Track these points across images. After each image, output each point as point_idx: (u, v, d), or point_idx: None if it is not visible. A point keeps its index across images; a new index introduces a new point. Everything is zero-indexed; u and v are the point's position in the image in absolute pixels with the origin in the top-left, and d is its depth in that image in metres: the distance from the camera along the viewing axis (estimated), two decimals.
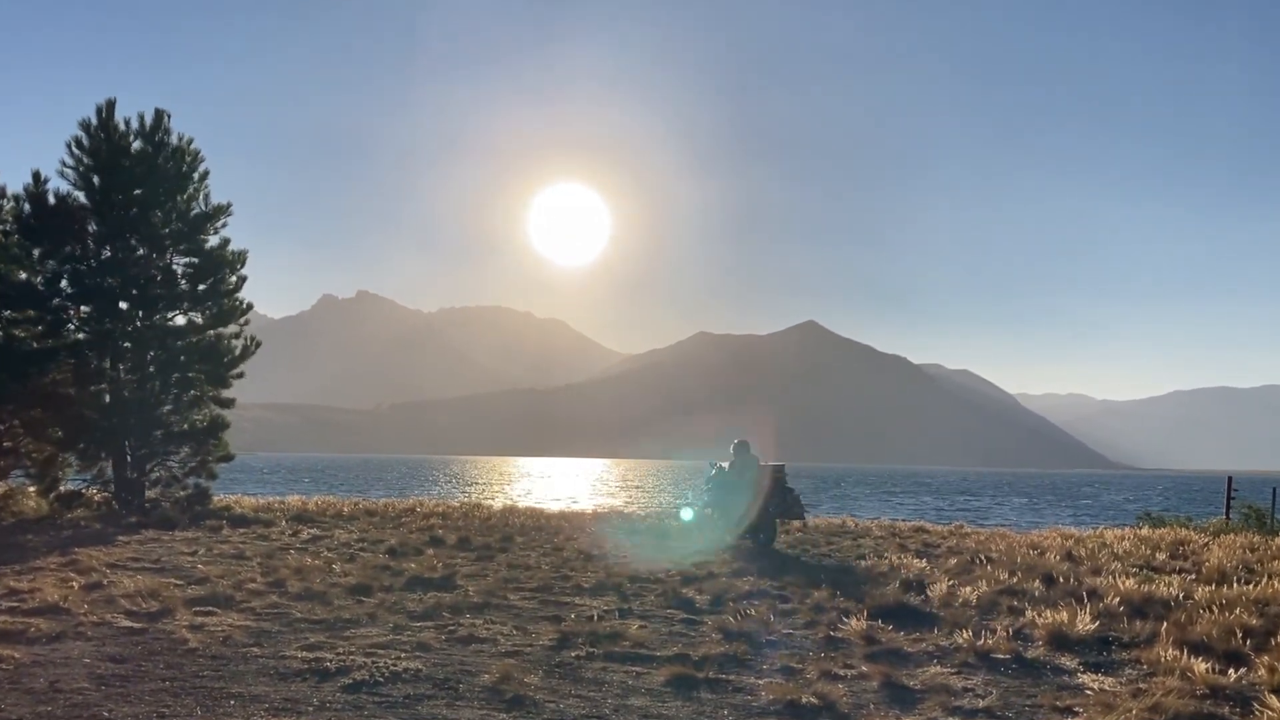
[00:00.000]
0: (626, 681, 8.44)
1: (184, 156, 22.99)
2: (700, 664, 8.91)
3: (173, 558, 15.05)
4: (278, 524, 20.64)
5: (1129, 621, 10.58)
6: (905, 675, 8.69)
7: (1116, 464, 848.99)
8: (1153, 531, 22.28)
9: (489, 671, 8.42)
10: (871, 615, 10.87)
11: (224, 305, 23.49)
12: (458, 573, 14.01)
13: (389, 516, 23.30)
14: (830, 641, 10.08)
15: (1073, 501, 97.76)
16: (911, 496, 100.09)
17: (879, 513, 54.46)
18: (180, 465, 23.22)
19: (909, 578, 13.74)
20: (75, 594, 11.32)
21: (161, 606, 10.74)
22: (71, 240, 22.14)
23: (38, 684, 7.76)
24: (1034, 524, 43.10)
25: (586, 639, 9.77)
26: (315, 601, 11.54)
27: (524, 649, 9.47)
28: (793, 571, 14.89)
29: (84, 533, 18.61)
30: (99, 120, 22.34)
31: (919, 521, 29.22)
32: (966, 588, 12.77)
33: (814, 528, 23.44)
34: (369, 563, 14.82)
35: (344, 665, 8.49)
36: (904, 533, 22.72)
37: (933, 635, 10.30)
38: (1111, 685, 8.45)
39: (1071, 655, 9.49)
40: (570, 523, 23.18)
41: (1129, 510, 67.64)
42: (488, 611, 11.32)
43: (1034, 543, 19.14)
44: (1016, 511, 73.28)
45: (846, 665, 9.05)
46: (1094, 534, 22.04)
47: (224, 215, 23.56)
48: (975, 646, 9.56)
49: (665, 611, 11.60)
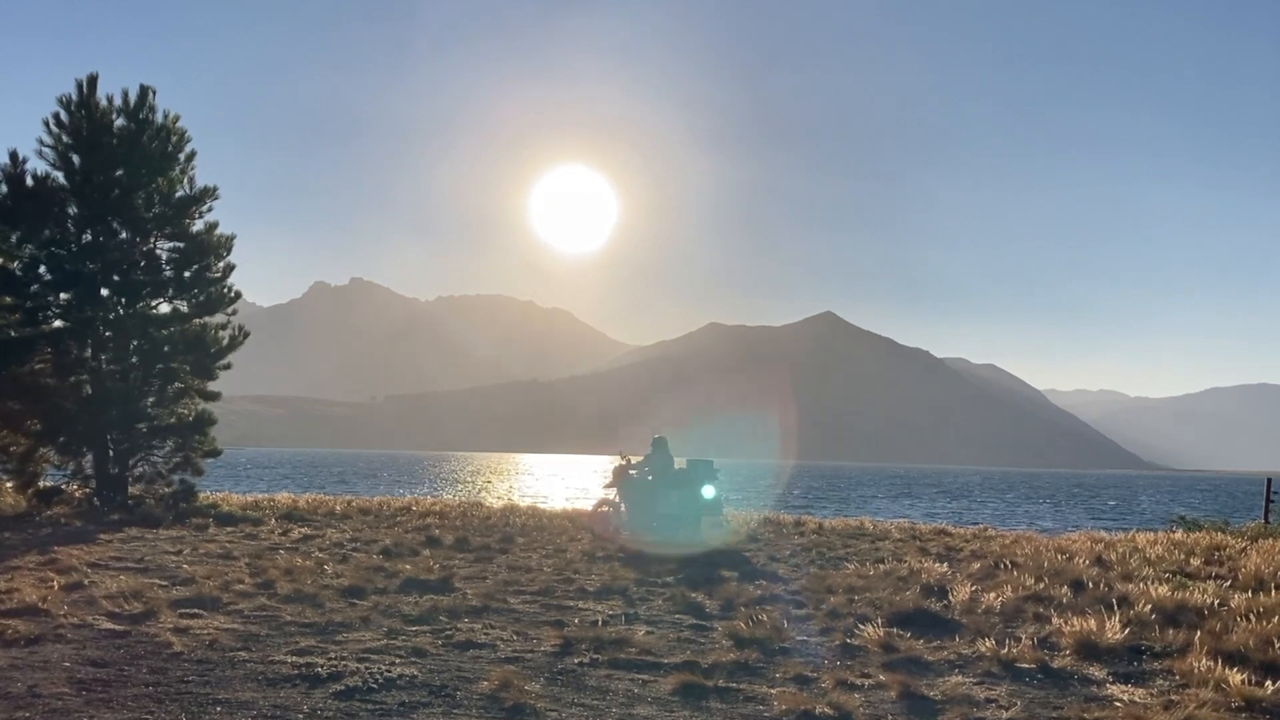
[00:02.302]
0: (632, 690, 8.45)
1: (169, 135, 23.00)
2: (710, 672, 8.93)
3: (157, 557, 15.11)
4: (267, 522, 20.73)
5: (1161, 630, 10.56)
6: (925, 685, 8.68)
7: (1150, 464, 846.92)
8: (1187, 535, 22.21)
9: (488, 678, 8.44)
10: (890, 622, 10.89)
11: (211, 293, 23.51)
12: (455, 575, 14.05)
13: (383, 515, 23.37)
14: (846, 649, 10.09)
15: (1103, 503, 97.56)
16: (933, 498, 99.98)
17: (898, 514, 54.39)
18: (165, 460, 23.27)
19: (929, 582, 13.73)
20: (55, 595, 11.36)
21: (145, 608, 10.77)
22: (50, 224, 22.18)
23: (15, 689, 7.78)
24: (1062, 527, 43.07)
25: (590, 645, 9.79)
26: (306, 604, 11.58)
27: (524, 655, 9.50)
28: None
29: (64, 530, 18.68)
30: (79, 97, 22.33)
31: (940, 524, 29.24)
32: (990, 593, 12.78)
33: (830, 529, 23.48)
34: (362, 564, 14.87)
35: (336, 671, 8.51)
36: (925, 535, 22.73)
37: (954, 643, 10.30)
38: (1142, 697, 8.44)
39: (1100, 665, 9.48)
40: (574, 522, 23.21)
41: (1162, 513, 67.52)
42: (487, 615, 11.35)
43: (1061, 546, 19.12)
44: (1043, 514, 73.17)
45: (863, 674, 9.05)
46: (1125, 538, 22.00)
47: (211, 198, 23.56)
48: (999, 655, 9.56)
49: (673, 616, 11.63)
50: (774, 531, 22.55)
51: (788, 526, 23.87)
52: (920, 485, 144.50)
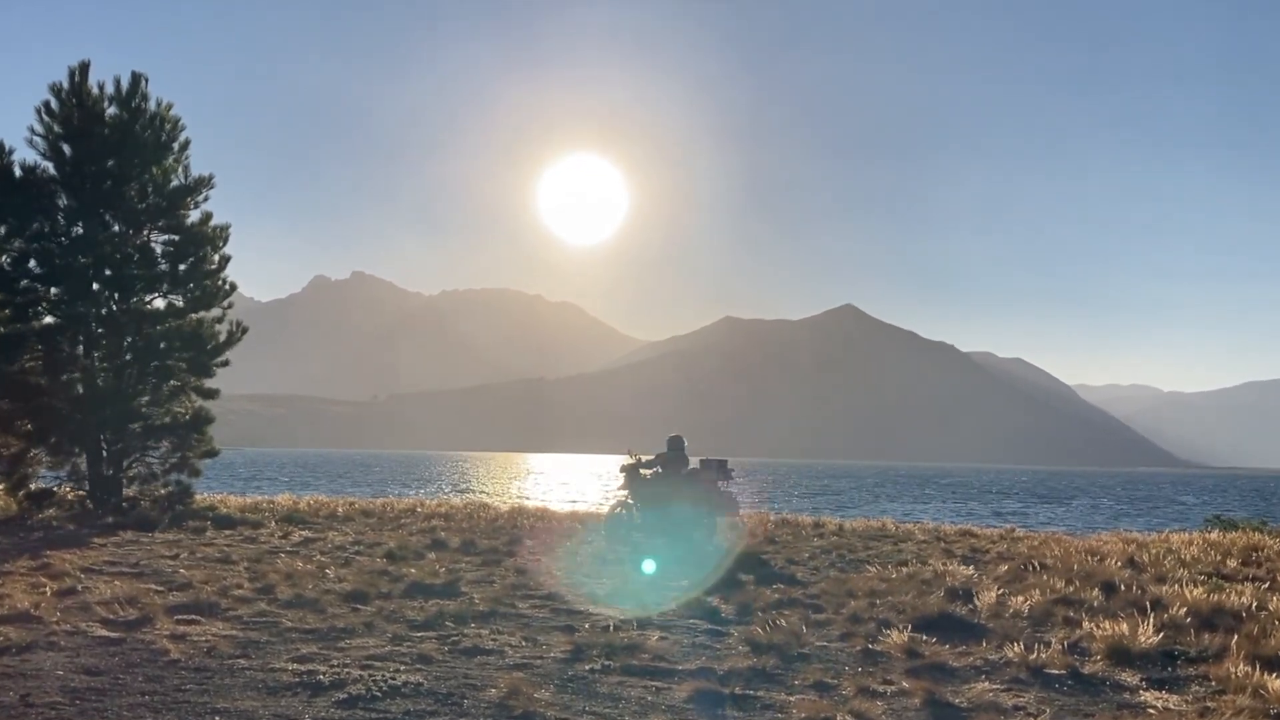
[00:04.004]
0: (645, 697, 8.44)
1: (163, 124, 23.05)
2: (726, 679, 8.92)
3: (152, 561, 15.16)
4: (266, 525, 20.77)
5: (1196, 634, 10.55)
6: (950, 692, 8.67)
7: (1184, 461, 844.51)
8: (1223, 536, 22.15)
9: (496, 686, 8.44)
10: (913, 626, 10.86)
11: (206, 287, 23.56)
12: (462, 578, 14.08)
13: (387, 517, 23.42)
14: (868, 655, 10.09)
15: (1135, 503, 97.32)
16: (958, 497, 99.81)
17: (921, 515, 54.31)
18: (160, 461, 23.34)
19: (954, 586, 13.72)
20: (47, 600, 11.38)
21: (140, 614, 10.79)
22: (40, 216, 22.25)
23: (7, 698, 7.78)
24: (1092, 527, 42.97)
25: (602, 651, 9.78)
26: (307, 609, 11.59)
27: (534, 661, 9.50)
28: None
29: (56, 534, 18.76)
30: (71, 85, 22.39)
31: (965, 524, 29.21)
32: (1018, 597, 12.77)
33: (850, 531, 23.48)
34: (365, 567, 14.90)
35: (339, 678, 8.51)
36: (949, 536, 22.71)
37: (980, 648, 10.29)
38: (1177, 703, 8.42)
39: (1133, 670, 9.46)
40: (584, 524, 23.23)
41: (1197, 512, 67.32)
42: (494, 620, 11.36)
43: (1092, 548, 19.09)
44: (1073, 514, 73.03)
45: (886, 681, 9.04)
46: (1158, 538, 21.96)
47: (206, 188, 23.61)
48: (1027, 661, 9.54)
49: (688, 621, 11.62)
50: (792, 533, 22.54)
51: (806, 528, 23.87)
52: (944, 484, 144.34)
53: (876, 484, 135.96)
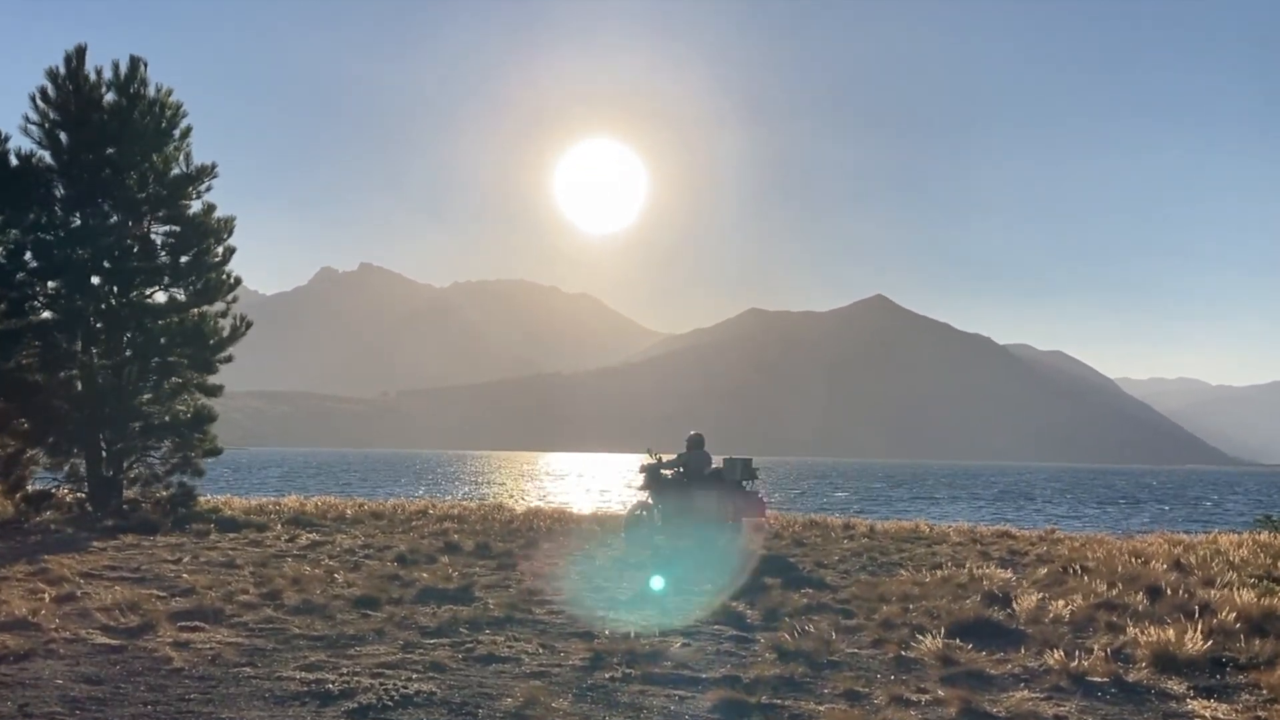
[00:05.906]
0: (668, 707, 8.43)
1: (163, 110, 23.14)
2: (752, 687, 8.90)
3: (154, 566, 15.24)
4: (272, 528, 20.86)
5: (1246, 640, 10.49)
6: (988, 701, 8.63)
7: (1234, 459, 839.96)
8: (1275, 537, 22.03)
9: (512, 695, 8.45)
10: (949, 632, 10.84)
11: (209, 280, 23.65)
12: (476, 583, 14.11)
13: (398, 519, 23.51)
14: (901, 662, 10.06)
15: (1182, 502, 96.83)
16: (995, 497, 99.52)
17: (956, 516, 54.16)
18: (162, 461, 23.47)
19: (992, 590, 13.69)
20: (45, 607, 11.44)
21: (142, 621, 10.84)
22: (36, 206, 22.34)
23: (5, 708, 7.82)
24: (1136, 528, 42.75)
25: (622, 658, 9.78)
26: (315, 615, 11.63)
27: (551, 669, 9.51)
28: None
29: (54, 538, 18.88)
30: (67, 70, 22.49)
31: (1003, 525, 29.11)
32: (1058, 601, 12.72)
33: (882, 532, 23.46)
34: (375, 572, 14.96)
35: (348, 687, 8.53)
36: (986, 538, 22.67)
37: (1019, 655, 10.25)
38: (1226, 712, 8.39)
39: (1179, 678, 9.41)
40: (602, 526, 23.25)
41: (1247, 512, 66.95)
42: (510, 627, 11.38)
43: (1136, 550, 19.03)
44: (1116, 514, 72.72)
45: (920, 689, 9.02)
46: (1206, 540, 21.86)
47: (208, 177, 23.72)
48: (1068, 668, 9.50)
49: (712, 627, 11.62)
50: (820, 535, 22.53)
51: (835, 529, 23.85)
52: (981, 483, 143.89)
53: (909, 483, 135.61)
